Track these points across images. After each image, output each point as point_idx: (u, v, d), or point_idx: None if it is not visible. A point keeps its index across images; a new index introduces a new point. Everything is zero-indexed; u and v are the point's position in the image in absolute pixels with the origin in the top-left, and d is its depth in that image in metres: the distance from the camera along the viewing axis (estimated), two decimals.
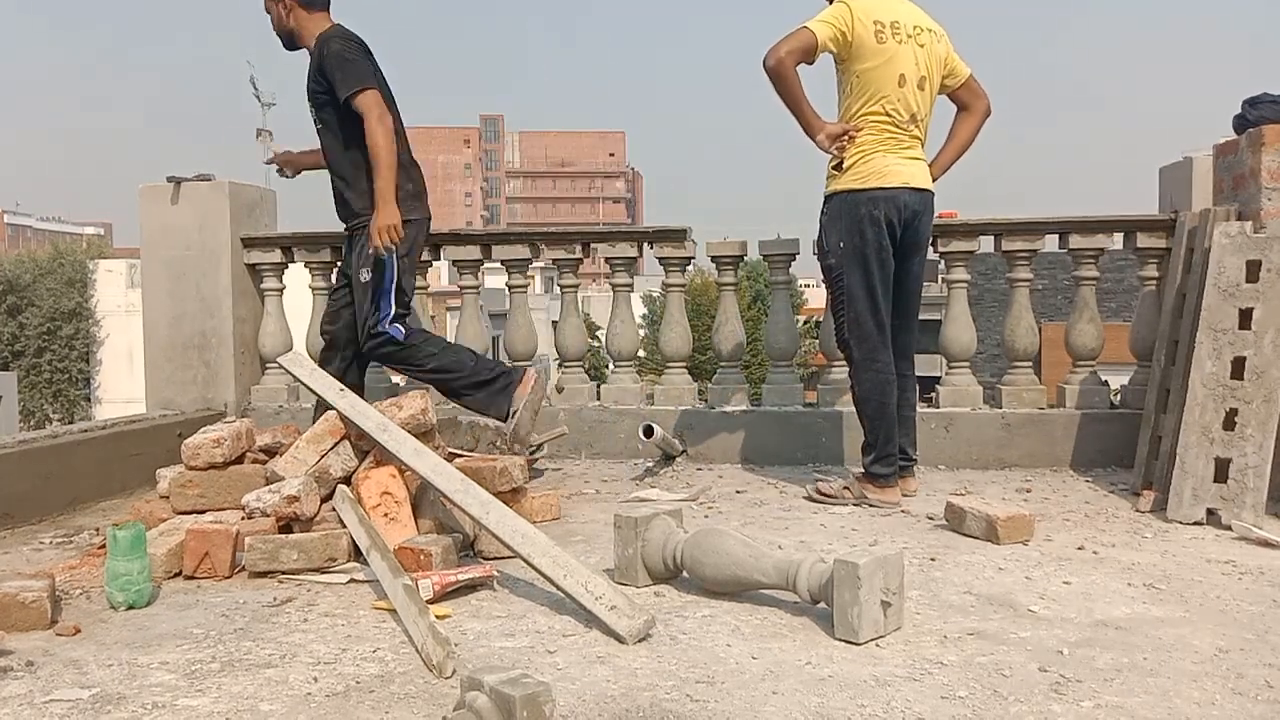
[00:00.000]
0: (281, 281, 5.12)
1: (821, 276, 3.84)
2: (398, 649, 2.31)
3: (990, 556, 3.01)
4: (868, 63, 3.48)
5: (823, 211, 3.69)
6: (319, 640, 2.38)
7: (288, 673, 2.18)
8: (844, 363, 4.77)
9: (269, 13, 4.05)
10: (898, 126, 3.54)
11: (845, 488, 3.76)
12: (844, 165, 3.55)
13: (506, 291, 5.06)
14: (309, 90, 3.95)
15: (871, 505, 3.67)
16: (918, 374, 3.88)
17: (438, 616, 2.46)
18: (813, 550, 2.96)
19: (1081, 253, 4.55)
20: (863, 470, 3.76)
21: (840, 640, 2.30)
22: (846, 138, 3.55)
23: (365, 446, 3.23)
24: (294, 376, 3.61)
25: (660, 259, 4.86)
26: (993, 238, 4.64)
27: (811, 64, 3.51)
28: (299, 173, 4.52)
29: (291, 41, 4.05)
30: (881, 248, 3.57)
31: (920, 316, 3.91)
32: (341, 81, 3.78)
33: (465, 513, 2.90)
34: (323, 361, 4.08)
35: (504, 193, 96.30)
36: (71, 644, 2.39)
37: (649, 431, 4.25)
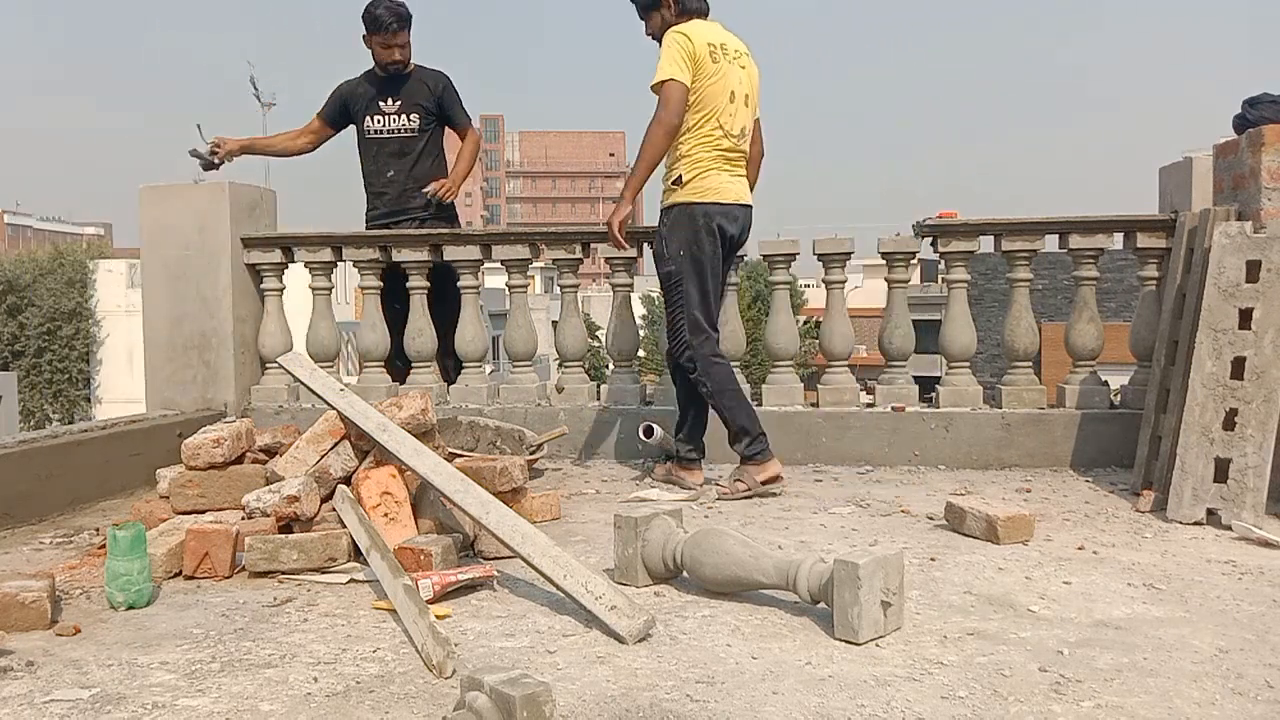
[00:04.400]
0: (281, 281, 5.12)
1: (661, 283, 4.01)
2: (398, 649, 2.31)
3: (990, 556, 3.01)
4: (705, 80, 3.77)
5: (662, 222, 3.96)
6: (319, 640, 2.38)
7: (288, 673, 2.18)
8: (844, 363, 4.79)
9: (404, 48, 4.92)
10: (729, 139, 3.86)
11: (737, 480, 3.88)
12: (683, 180, 3.84)
13: (506, 291, 5.06)
14: (423, 108, 4.89)
15: (761, 490, 3.83)
16: (917, 374, 3.93)
17: (438, 616, 2.46)
18: (813, 550, 2.96)
19: (1081, 253, 4.55)
20: (741, 459, 3.91)
21: (840, 640, 2.30)
22: (620, 232, 3.96)
23: (365, 446, 3.23)
24: (294, 376, 3.61)
25: None
26: (993, 238, 4.64)
27: None
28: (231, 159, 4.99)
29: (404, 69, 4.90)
30: (716, 257, 3.89)
31: (920, 316, 3.94)
32: (463, 113, 5.00)
33: (465, 513, 2.91)
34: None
35: (504, 193, 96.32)
36: (71, 644, 2.39)
37: (649, 431, 4.25)
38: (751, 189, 4.09)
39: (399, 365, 5.07)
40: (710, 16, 3.99)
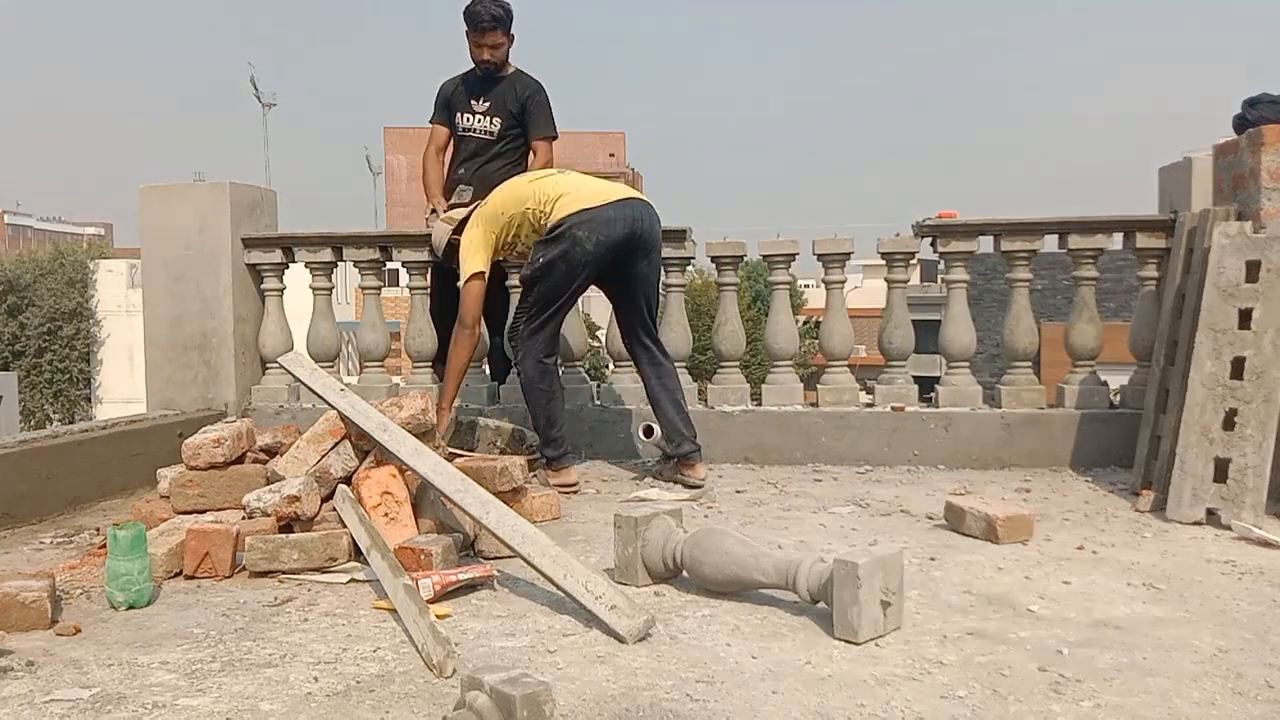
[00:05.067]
0: (282, 282, 5.12)
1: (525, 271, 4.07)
2: (398, 648, 2.31)
3: (990, 556, 3.01)
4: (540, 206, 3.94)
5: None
6: (319, 640, 2.38)
7: (288, 672, 2.18)
8: (843, 363, 4.79)
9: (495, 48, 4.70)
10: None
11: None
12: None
13: (505, 291, 5.05)
14: (507, 112, 4.75)
15: (555, 487, 3.91)
16: (916, 374, 3.92)
17: (438, 616, 2.46)
18: (812, 550, 2.96)
19: (1081, 253, 4.55)
20: (546, 460, 4.05)
21: (840, 640, 2.30)
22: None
23: (366, 446, 3.23)
24: (294, 376, 3.61)
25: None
26: (992, 238, 4.65)
27: None
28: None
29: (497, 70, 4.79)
30: (583, 265, 3.90)
31: (920, 317, 3.94)
32: (544, 124, 4.75)
33: (465, 512, 2.91)
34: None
35: None
36: (72, 644, 2.39)
37: (649, 431, 4.25)
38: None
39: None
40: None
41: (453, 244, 4.23)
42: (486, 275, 4.09)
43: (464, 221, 4.22)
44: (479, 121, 4.85)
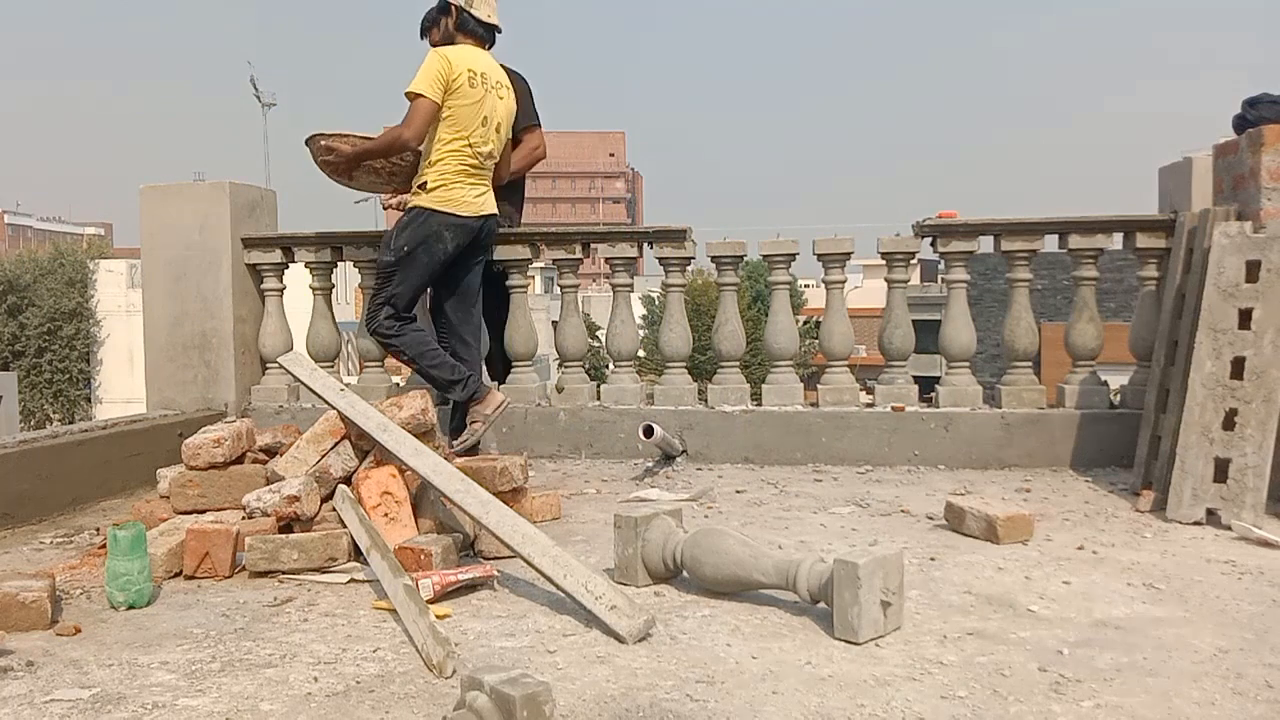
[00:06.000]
0: (282, 281, 5.12)
1: (385, 262, 4.16)
2: (398, 649, 2.31)
3: (990, 556, 3.01)
4: (460, 101, 4.03)
5: (401, 217, 4.20)
6: (319, 640, 2.38)
7: (288, 672, 2.18)
8: (843, 363, 4.79)
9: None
10: (477, 158, 4.11)
11: (472, 423, 4.09)
12: (428, 187, 4.07)
13: (506, 292, 5.05)
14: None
15: (494, 419, 4.11)
16: (916, 374, 3.92)
17: (438, 616, 2.46)
18: (812, 550, 2.96)
19: (1081, 253, 4.55)
20: (466, 404, 4.14)
21: (840, 640, 2.30)
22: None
23: (365, 446, 3.23)
24: (294, 376, 3.61)
25: (660, 259, 4.86)
26: (992, 238, 4.65)
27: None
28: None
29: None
30: (438, 262, 4.11)
31: (920, 317, 3.94)
32: (528, 113, 4.70)
33: (465, 512, 2.91)
34: None
35: None
36: (72, 644, 2.39)
37: (649, 431, 4.26)
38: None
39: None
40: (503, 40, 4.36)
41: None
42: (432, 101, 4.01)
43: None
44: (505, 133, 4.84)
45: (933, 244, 4.67)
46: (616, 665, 2.19)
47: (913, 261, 4.82)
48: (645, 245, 4.94)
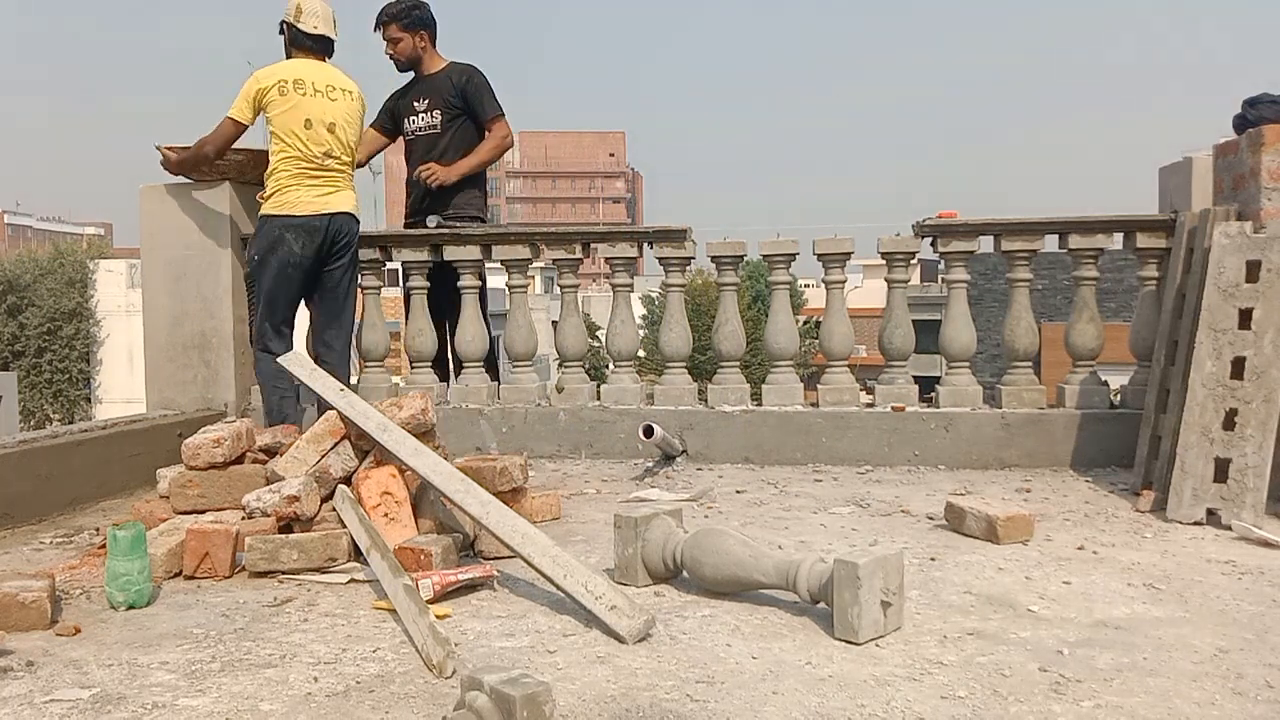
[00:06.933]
0: None
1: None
2: (398, 649, 2.31)
3: (990, 556, 3.01)
4: (276, 110, 4.27)
5: (256, 227, 4.44)
6: (319, 640, 2.38)
7: (288, 673, 2.18)
8: (843, 363, 4.79)
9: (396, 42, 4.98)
10: (312, 160, 4.29)
11: None
12: (266, 193, 4.34)
13: (506, 291, 5.06)
14: (445, 103, 4.96)
15: None
16: (917, 374, 3.92)
17: (438, 616, 2.46)
18: (813, 550, 2.96)
19: (1081, 253, 4.55)
20: None
21: (840, 640, 2.30)
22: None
23: (365, 446, 3.23)
24: (294, 376, 3.61)
25: (660, 259, 4.86)
26: (992, 238, 4.65)
27: (244, 131, 4.43)
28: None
29: (410, 66, 5.07)
30: (289, 264, 4.29)
31: (920, 317, 3.93)
32: (489, 105, 4.97)
33: (465, 512, 2.91)
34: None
35: (504, 193, 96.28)
36: (71, 644, 2.39)
37: (649, 431, 4.25)
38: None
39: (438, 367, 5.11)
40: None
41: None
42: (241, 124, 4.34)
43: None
44: (422, 119, 5.05)
45: (933, 244, 4.67)
46: (616, 665, 2.19)
47: (913, 261, 4.82)
48: (645, 245, 4.94)
